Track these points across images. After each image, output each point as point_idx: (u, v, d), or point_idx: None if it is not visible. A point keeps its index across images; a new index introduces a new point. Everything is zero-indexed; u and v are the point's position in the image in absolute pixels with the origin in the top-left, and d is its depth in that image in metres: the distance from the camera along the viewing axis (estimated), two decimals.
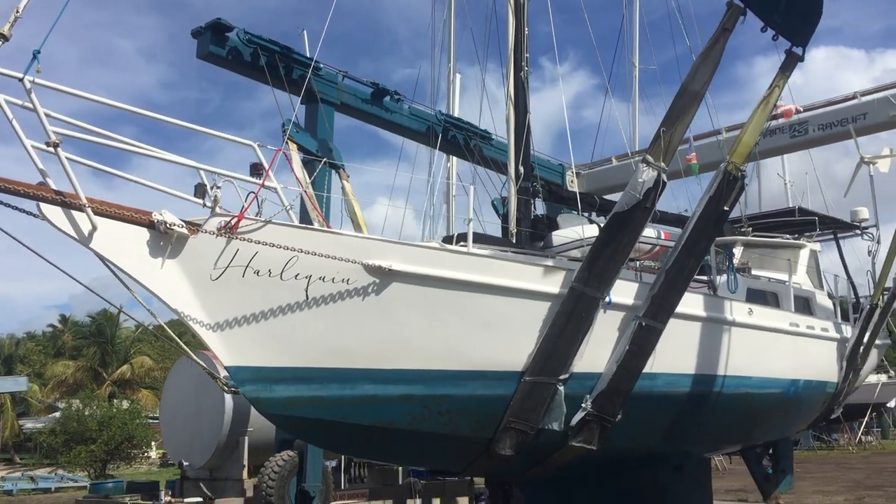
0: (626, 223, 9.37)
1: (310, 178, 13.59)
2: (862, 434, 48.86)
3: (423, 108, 19.57)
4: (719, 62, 9.25)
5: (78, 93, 7.48)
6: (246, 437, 18.01)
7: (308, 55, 16.44)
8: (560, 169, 22.69)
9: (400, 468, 19.47)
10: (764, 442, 15.43)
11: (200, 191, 8.88)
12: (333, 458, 17.51)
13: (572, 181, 22.84)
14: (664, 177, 9.28)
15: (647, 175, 9.16)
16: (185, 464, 18.65)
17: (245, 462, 18.02)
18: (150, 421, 37.00)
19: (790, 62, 9.69)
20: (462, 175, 25.63)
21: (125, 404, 39.96)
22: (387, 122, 18.80)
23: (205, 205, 8.73)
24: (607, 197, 17.17)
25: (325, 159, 13.77)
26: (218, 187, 8.74)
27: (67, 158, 7.42)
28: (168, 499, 18.02)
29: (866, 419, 47.07)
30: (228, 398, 17.50)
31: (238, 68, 16.08)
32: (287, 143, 13.99)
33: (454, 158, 21.50)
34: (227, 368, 8.64)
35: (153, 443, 39.61)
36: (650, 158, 9.18)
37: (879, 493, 22.40)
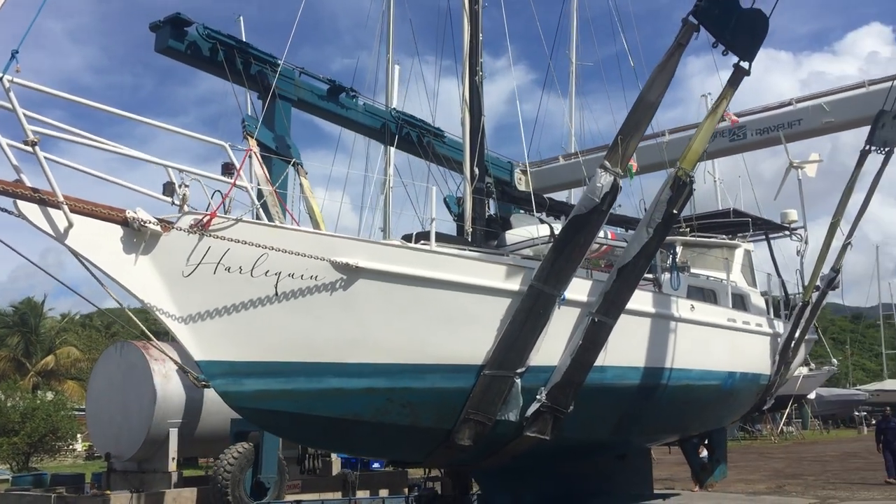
0: (583, 225, 9.84)
1: (269, 174, 13.82)
2: (784, 425, 50.61)
3: (377, 104, 19.85)
4: (673, 74, 9.79)
5: (57, 93, 7.60)
6: (175, 429, 17.74)
7: (244, 40, 16.62)
8: (509, 167, 23.22)
9: (332, 459, 19.76)
10: (700, 432, 16.18)
11: (169, 189, 9.08)
12: (291, 448, 17.59)
13: (520, 179, 23.42)
14: (620, 182, 9.77)
15: (604, 180, 9.63)
16: (113, 456, 18.12)
17: (174, 454, 17.75)
18: (76, 413, 36.24)
19: (737, 75, 10.29)
20: (400, 167, 25.97)
21: (49, 396, 38.99)
22: (342, 119, 19.04)
23: (173, 202, 8.93)
24: (555, 196, 17.74)
25: (293, 161, 13.94)
26: (186, 185, 8.95)
27: (45, 158, 7.55)
28: (94, 491, 17.62)
29: (788, 410, 48.86)
30: (157, 389, 17.40)
31: (196, 63, 16.15)
32: (246, 138, 14.18)
33: (392, 150, 21.59)
34: (197, 363, 8.83)
35: (79, 435, 38.83)
36: (608, 164, 9.66)
37: (799, 481, 23.38)
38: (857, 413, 63.33)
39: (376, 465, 21.60)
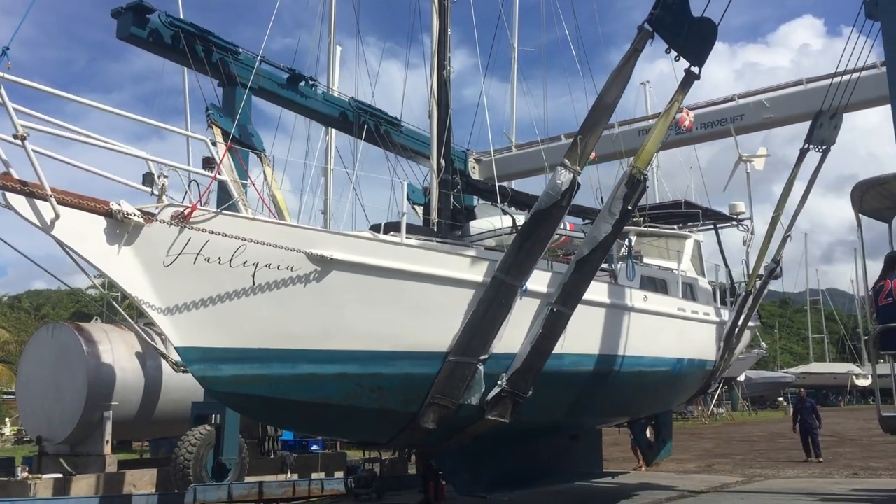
0: (544, 220, 10.36)
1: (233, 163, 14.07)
2: (714, 406, 52.31)
3: (336, 93, 20.12)
4: (629, 78, 10.37)
5: (49, 90, 7.84)
6: (109, 412, 17.71)
7: (182, 17, 16.77)
8: (463, 156, 23.68)
9: (271, 441, 20.06)
10: (649, 414, 16.99)
11: (149, 180, 9.38)
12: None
13: (474, 167, 23.95)
14: (579, 179, 10.33)
15: (564, 177, 10.17)
16: (44, 439, 18.01)
17: (108, 437, 17.70)
18: (5, 396, 35.73)
19: (688, 80, 10.90)
20: (340, 149, 26.20)
21: None
22: (301, 107, 19.27)
23: (153, 193, 9.24)
24: (513, 186, 18.27)
25: (259, 151, 14.18)
26: (165, 176, 9.26)
27: (33, 150, 7.79)
28: (25, 475, 17.32)
29: (718, 392, 50.54)
30: (90, 371, 17.42)
31: (158, 50, 16.22)
32: (211, 127, 14.40)
33: (332, 132, 21.67)
34: (176, 349, 9.17)
35: (7, 419, 38.38)
36: (567, 162, 10.19)
37: (727, 460, 24.70)
38: (782, 396, 65.94)
39: (315, 447, 21.89)
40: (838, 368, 76.60)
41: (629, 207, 10.93)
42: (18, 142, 7.65)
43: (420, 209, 17.70)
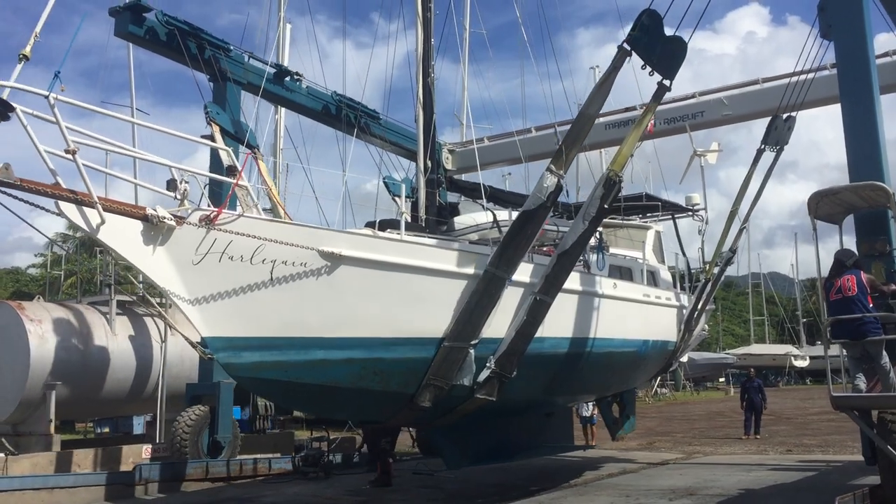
0: (530, 219, 11.49)
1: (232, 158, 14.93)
2: (658, 386, 53.81)
3: (319, 88, 20.95)
4: (609, 92, 11.52)
5: (97, 109, 8.70)
6: (53, 392, 17.58)
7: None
8: (438, 147, 24.64)
9: (262, 420, 20.97)
10: (616, 392, 18.35)
11: (172, 185, 10.33)
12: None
13: (447, 158, 24.97)
14: (563, 182, 11.47)
15: (549, 181, 11.30)
16: None
17: (52, 417, 17.53)
18: None
19: (660, 91, 12.08)
20: (290, 128, 26.56)
21: None
22: (287, 101, 20.10)
23: (175, 197, 10.16)
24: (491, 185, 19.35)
25: (253, 146, 14.90)
26: (186, 182, 10.20)
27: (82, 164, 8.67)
28: None
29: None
30: (32, 349, 17.33)
31: (154, 47, 16.93)
32: (210, 124, 15.21)
33: (283, 110, 21.80)
34: (204, 338, 10.13)
35: None
36: (553, 168, 11.32)
37: (668, 438, 26.01)
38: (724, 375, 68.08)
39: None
40: (777, 350, 78.19)
41: (605, 206, 12.11)
42: (70, 156, 8.51)
43: (400, 200, 18.68)
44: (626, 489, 14.67)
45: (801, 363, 75.28)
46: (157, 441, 19.07)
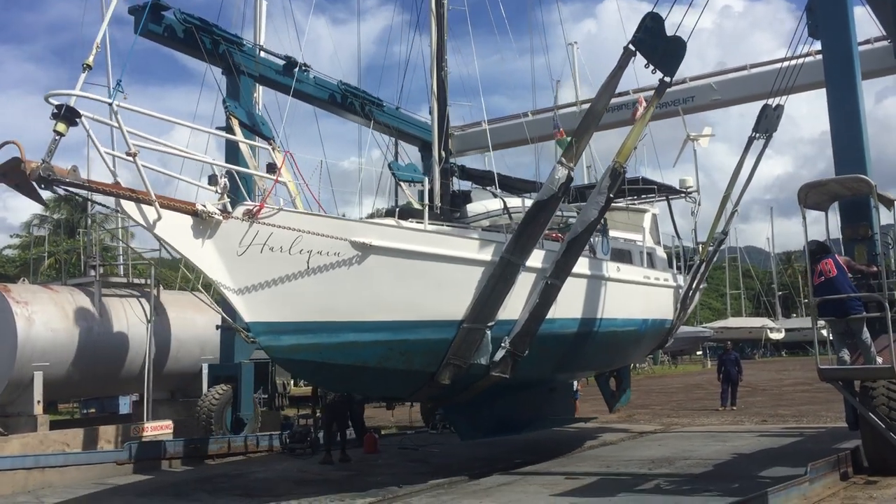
0: (543, 209, 12.36)
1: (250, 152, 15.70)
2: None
3: (325, 77, 21.68)
4: (615, 89, 12.40)
5: (155, 114, 9.46)
6: (40, 373, 17.62)
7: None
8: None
9: (280, 398, 21.90)
10: (617, 367, 19.37)
11: (213, 181, 11.15)
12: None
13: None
14: (573, 174, 12.34)
15: (560, 173, 12.16)
16: None
17: (39, 397, 17.62)
18: None
19: (662, 88, 12.99)
20: (268, 105, 26.81)
21: None
22: (297, 91, 20.73)
23: (216, 191, 10.95)
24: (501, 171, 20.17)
25: (272, 140, 15.47)
26: (225, 178, 11.00)
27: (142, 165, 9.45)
28: None
29: None
30: (19, 331, 17.38)
31: (172, 44, 17.62)
32: (230, 119, 15.92)
33: (261, 88, 22.11)
34: (247, 323, 10.97)
35: None
36: (564, 161, 12.19)
37: (647, 410, 26.59)
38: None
39: None
40: (754, 323, 78.95)
41: (611, 195, 13.00)
42: (131, 159, 9.28)
43: (406, 185, 19.47)
44: (607, 460, 15.37)
45: (777, 336, 76.40)
46: (145, 420, 18.84)
